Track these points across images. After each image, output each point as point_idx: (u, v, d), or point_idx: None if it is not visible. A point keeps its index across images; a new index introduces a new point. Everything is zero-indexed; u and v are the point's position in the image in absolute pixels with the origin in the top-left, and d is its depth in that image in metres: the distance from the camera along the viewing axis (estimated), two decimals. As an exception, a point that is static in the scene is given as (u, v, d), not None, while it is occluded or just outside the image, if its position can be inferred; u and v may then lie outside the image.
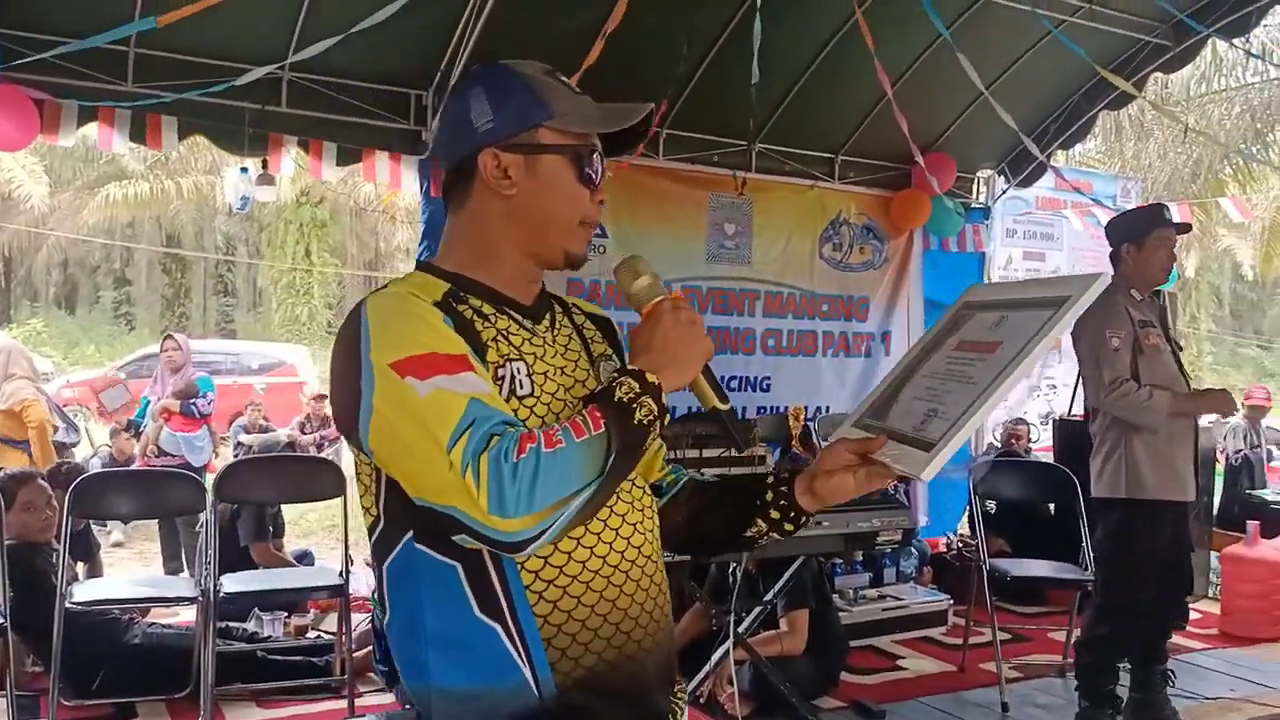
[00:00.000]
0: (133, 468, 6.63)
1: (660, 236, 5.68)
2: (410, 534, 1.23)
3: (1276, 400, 11.28)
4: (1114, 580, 3.89)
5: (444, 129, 1.38)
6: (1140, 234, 3.82)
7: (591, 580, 1.25)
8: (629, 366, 1.23)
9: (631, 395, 1.17)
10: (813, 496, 1.38)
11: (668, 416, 1.21)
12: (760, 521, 1.42)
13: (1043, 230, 7.87)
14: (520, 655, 1.22)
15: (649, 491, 1.40)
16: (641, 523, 1.34)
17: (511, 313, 1.32)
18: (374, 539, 1.29)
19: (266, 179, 5.16)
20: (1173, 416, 3.68)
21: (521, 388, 1.26)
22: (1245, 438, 8.78)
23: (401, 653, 1.28)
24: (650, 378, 1.20)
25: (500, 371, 1.25)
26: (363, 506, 1.31)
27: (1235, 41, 6.11)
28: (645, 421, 1.17)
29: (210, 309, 25.32)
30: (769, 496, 1.41)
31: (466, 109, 1.30)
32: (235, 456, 7.72)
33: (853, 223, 6.55)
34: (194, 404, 6.58)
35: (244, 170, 5.43)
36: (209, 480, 4.81)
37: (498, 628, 1.22)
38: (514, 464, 1.08)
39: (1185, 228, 3.99)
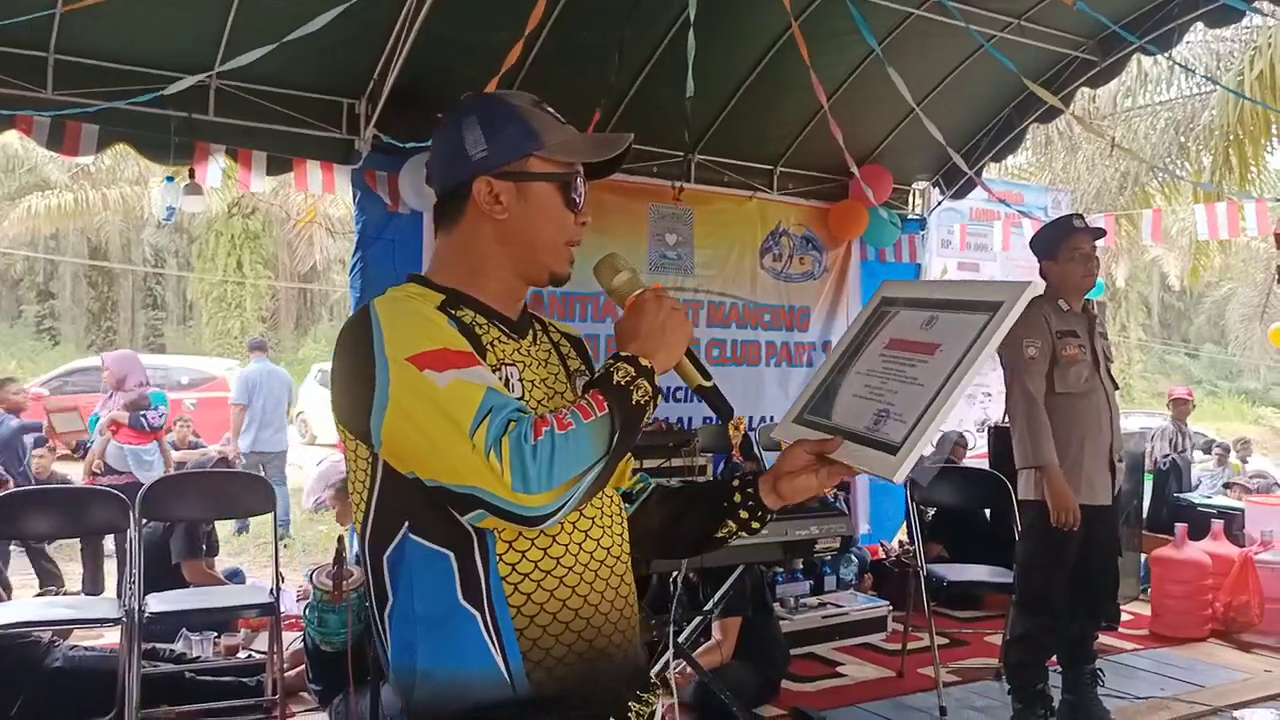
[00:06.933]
0: (64, 485, 6.43)
1: (601, 247, 5.61)
2: (406, 525, 1.30)
3: (1204, 404, 11.62)
4: (1027, 579, 3.98)
5: (438, 155, 1.44)
6: (1053, 249, 3.91)
7: (565, 576, 1.33)
8: (621, 353, 1.33)
9: (628, 378, 1.28)
10: (777, 496, 1.49)
11: (660, 397, 1.31)
12: (730, 521, 1.52)
13: (977, 241, 8.01)
14: (494, 644, 1.29)
15: (617, 498, 1.48)
16: (611, 526, 1.42)
17: (500, 325, 1.41)
18: (368, 532, 1.35)
19: (194, 189, 5.03)
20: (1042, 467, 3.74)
21: (513, 391, 1.35)
22: (1171, 441, 8.99)
23: (397, 636, 1.34)
24: (643, 361, 1.31)
25: (498, 374, 1.34)
26: (353, 503, 1.38)
27: (1162, 55, 6.27)
28: (642, 401, 1.28)
29: (138, 323, 24.69)
30: (737, 498, 1.51)
31: (460, 138, 1.39)
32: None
33: (792, 233, 6.61)
34: (144, 416, 6.43)
35: (170, 180, 5.29)
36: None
37: (477, 615, 1.29)
38: (533, 445, 1.19)
39: (1099, 233, 4.05)
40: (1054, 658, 4.04)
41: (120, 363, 6.97)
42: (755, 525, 1.51)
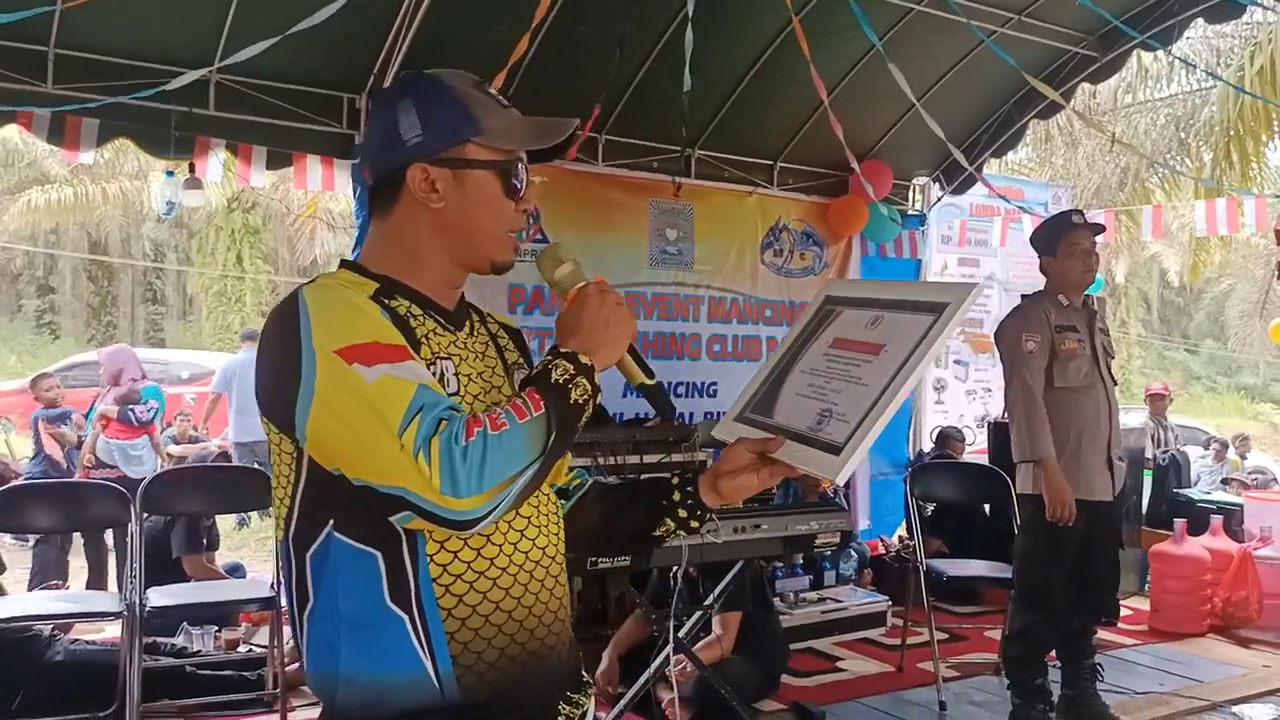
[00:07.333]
0: (64, 480, 6.44)
1: (602, 242, 5.67)
2: (331, 523, 1.25)
3: (1193, 399, 11.63)
4: (1026, 574, 4.00)
5: (372, 139, 1.38)
6: (1052, 245, 3.92)
7: (499, 577, 1.29)
8: (561, 349, 1.27)
9: (567, 376, 1.23)
10: (717, 494, 1.45)
11: (600, 395, 1.26)
12: (669, 520, 1.48)
13: (977, 237, 8.00)
14: (423, 648, 1.24)
15: (554, 496, 1.44)
16: (547, 525, 1.38)
17: (436, 316, 1.35)
18: (292, 530, 1.29)
19: (194, 183, 5.03)
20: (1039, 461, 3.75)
21: (448, 386, 1.30)
22: (1154, 437, 8.99)
23: (317, 638, 1.28)
24: (583, 359, 1.26)
25: (432, 368, 1.28)
26: (276, 498, 1.32)
27: (1163, 50, 6.27)
28: (581, 400, 1.23)
29: (138, 317, 24.65)
30: (676, 496, 1.48)
31: (395, 122, 1.32)
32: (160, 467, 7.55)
33: (792, 229, 6.60)
34: (132, 410, 6.41)
35: (170, 174, 5.29)
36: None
37: (405, 618, 1.24)
38: (464, 446, 1.13)
39: (1099, 228, 4.06)
40: (1053, 653, 4.05)
41: (115, 357, 6.97)
42: (694, 524, 1.47)
